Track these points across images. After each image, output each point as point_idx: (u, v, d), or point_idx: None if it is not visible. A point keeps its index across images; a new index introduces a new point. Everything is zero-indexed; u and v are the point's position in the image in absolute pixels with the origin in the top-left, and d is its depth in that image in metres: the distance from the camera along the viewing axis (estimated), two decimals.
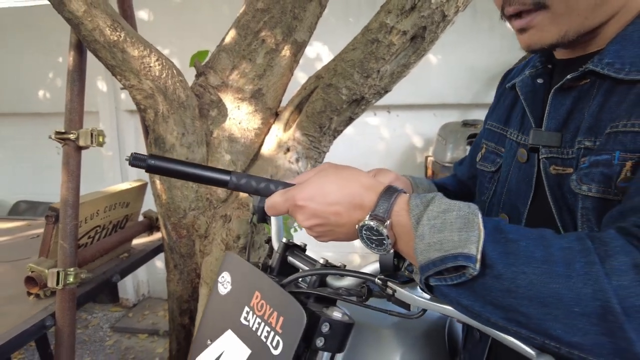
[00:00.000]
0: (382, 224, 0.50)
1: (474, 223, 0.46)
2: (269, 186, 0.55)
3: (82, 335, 2.93)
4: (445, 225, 0.47)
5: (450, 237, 0.46)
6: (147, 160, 0.52)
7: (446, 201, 0.49)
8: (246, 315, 0.61)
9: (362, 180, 0.55)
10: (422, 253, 0.47)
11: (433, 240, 0.47)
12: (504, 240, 0.46)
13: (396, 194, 0.52)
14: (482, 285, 0.45)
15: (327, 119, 1.25)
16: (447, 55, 2.90)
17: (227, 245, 1.24)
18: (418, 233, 0.48)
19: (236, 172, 0.55)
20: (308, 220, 0.56)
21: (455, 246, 0.45)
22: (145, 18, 3.10)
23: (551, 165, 0.62)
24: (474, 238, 0.45)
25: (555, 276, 0.42)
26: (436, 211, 0.48)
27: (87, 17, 1.01)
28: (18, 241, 1.83)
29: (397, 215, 0.51)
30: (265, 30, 1.26)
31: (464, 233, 0.45)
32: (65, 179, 1.11)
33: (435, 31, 1.12)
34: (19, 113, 3.47)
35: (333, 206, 0.54)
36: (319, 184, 0.55)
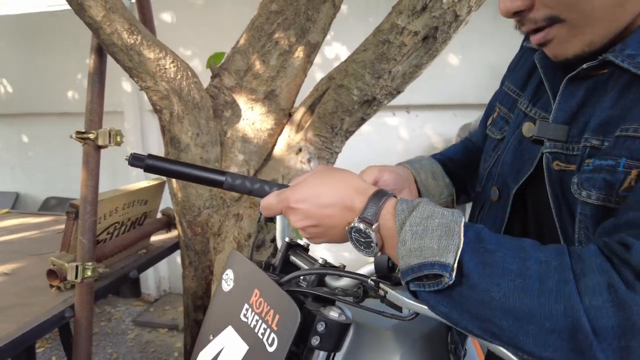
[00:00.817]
0: (370, 226, 0.51)
1: (454, 231, 0.46)
2: (264, 187, 0.57)
3: (105, 327, 3.02)
4: (426, 231, 0.47)
5: (430, 245, 0.46)
6: (145, 160, 0.54)
7: (430, 208, 0.50)
8: (245, 312, 0.63)
9: (354, 183, 0.56)
10: (403, 258, 0.48)
11: (414, 246, 0.47)
12: (482, 250, 0.46)
13: (385, 197, 0.53)
14: (459, 294, 0.46)
15: (339, 120, 1.26)
16: (468, 54, 2.85)
17: (238, 244, 1.26)
18: (400, 238, 0.49)
19: (231, 172, 0.57)
20: (301, 221, 0.57)
21: (434, 254, 0.45)
22: (168, 20, 3.17)
23: (554, 161, 0.58)
24: (453, 247, 0.45)
25: (529, 291, 0.42)
26: (419, 217, 0.49)
27: (105, 22, 1.05)
28: (46, 235, 1.91)
29: (384, 219, 0.52)
30: (278, 31, 1.28)
31: (443, 241, 0.46)
32: (84, 177, 1.16)
33: (447, 31, 1.11)
34: (50, 113, 3.61)
35: (325, 208, 0.55)
36: (312, 186, 0.56)
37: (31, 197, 3.88)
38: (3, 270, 1.49)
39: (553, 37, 0.56)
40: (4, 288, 1.34)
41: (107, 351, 2.75)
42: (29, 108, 3.63)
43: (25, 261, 1.57)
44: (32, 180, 3.86)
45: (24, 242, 1.81)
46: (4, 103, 3.67)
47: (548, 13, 0.53)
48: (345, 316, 0.59)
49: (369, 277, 0.54)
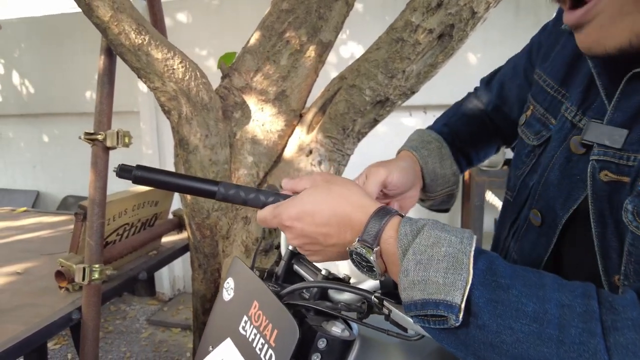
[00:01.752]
0: (371, 250, 0.46)
1: (462, 264, 0.41)
2: (259, 197, 0.53)
3: (120, 326, 3.05)
4: (431, 262, 0.42)
5: (434, 279, 0.41)
6: (133, 171, 0.52)
7: (436, 233, 0.44)
8: (244, 324, 0.60)
9: (354, 198, 0.51)
10: (405, 290, 0.43)
11: (417, 278, 0.42)
12: (495, 284, 0.40)
13: (387, 217, 0.48)
14: (466, 334, 0.40)
15: (351, 121, 1.22)
16: (488, 53, 2.77)
17: (246, 247, 1.24)
18: (403, 267, 0.44)
19: (225, 182, 0.54)
20: (296, 239, 0.53)
21: (439, 290, 0.40)
22: (184, 20, 3.18)
23: (603, 171, 0.48)
24: (460, 283, 0.40)
25: (546, 339, 0.37)
26: (424, 245, 0.43)
27: (113, 22, 1.03)
28: (60, 235, 1.93)
29: (385, 243, 0.47)
30: (289, 31, 1.25)
31: (450, 276, 0.40)
32: (92, 179, 1.15)
33: (464, 29, 1.06)
34: (69, 113, 3.67)
35: (321, 227, 0.51)
36: (307, 203, 0.52)
37: (50, 196, 3.95)
38: (16, 269, 1.50)
39: (595, 16, 0.43)
40: (16, 288, 1.35)
41: (121, 349, 2.78)
42: (50, 108, 3.69)
43: (38, 261, 1.58)
44: (51, 178, 3.93)
45: (38, 241, 1.83)
46: (26, 103, 3.75)
47: None
48: (348, 332, 0.56)
49: (373, 293, 0.50)
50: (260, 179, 1.31)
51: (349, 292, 0.53)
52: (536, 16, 2.68)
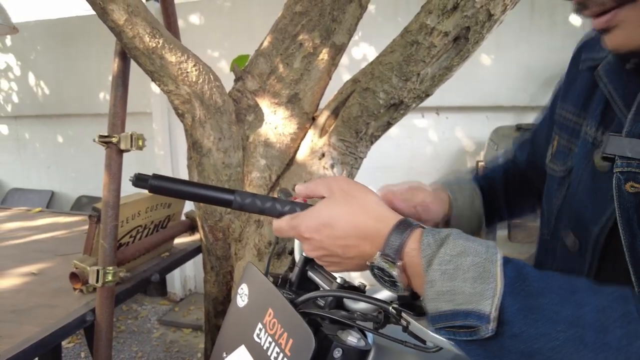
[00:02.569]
0: (393, 265, 0.45)
1: (490, 273, 0.39)
2: (275, 206, 0.53)
3: (131, 325, 3.07)
4: (457, 272, 0.41)
5: (462, 288, 0.40)
6: (150, 180, 0.51)
7: (462, 242, 0.43)
8: (259, 332, 0.59)
9: (372, 210, 0.50)
10: (432, 302, 0.42)
11: (444, 289, 0.41)
12: (525, 292, 0.39)
13: (409, 229, 0.46)
14: (498, 345, 0.39)
15: (364, 124, 1.21)
16: (502, 54, 2.75)
17: (259, 251, 1.24)
18: (428, 278, 0.42)
19: (241, 191, 0.53)
20: (314, 251, 0.52)
21: (468, 300, 0.39)
22: (197, 22, 3.20)
23: (628, 182, 0.48)
24: (490, 292, 0.38)
25: (585, 345, 0.35)
26: (449, 254, 0.42)
27: (127, 25, 1.04)
28: (74, 235, 1.95)
29: (408, 256, 0.45)
30: (303, 33, 1.24)
31: (478, 285, 0.39)
32: (106, 181, 1.15)
33: (480, 32, 1.04)
34: (82, 114, 3.72)
35: (340, 239, 0.49)
36: (325, 215, 0.50)
37: (65, 196, 4.00)
38: (32, 270, 1.51)
39: (619, 22, 0.46)
40: (32, 288, 1.36)
41: (133, 349, 2.80)
42: (64, 109, 3.75)
43: (52, 261, 1.60)
44: (66, 179, 3.99)
45: (53, 241, 1.85)
46: (41, 105, 3.80)
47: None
48: (364, 341, 0.55)
49: (391, 304, 0.49)
50: (272, 182, 1.31)
51: (365, 302, 0.52)
52: (551, 17, 2.64)
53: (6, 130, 4.10)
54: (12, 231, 2.00)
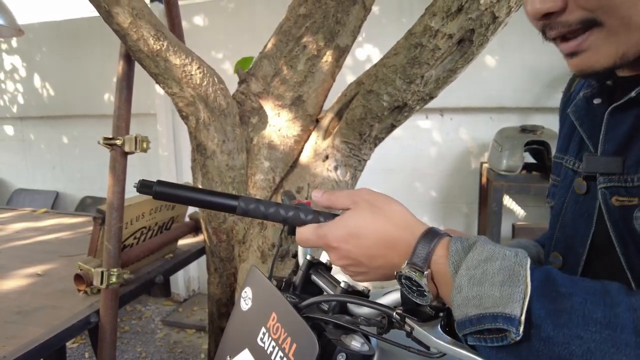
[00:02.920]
0: (421, 274, 0.45)
1: (519, 276, 0.39)
2: (279, 211, 0.53)
3: (135, 326, 3.08)
4: (485, 277, 0.40)
5: (490, 292, 0.39)
6: (154, 187, 0.52)
7: (489, 247, 0.43)
8: (262, 336, 0.59)
9: (398, 219, 0.50)
10: (459, 307, 0.42)
11: (471, 294, 0.41)
12: (555, 294, 0.38)
13: (437, 238, 0.47)
14: (528, 349, 0.38)
15: (368, 127, 1.21)
16: (506, 55, 2.73)
17: (262, 253, 1.24)
18: (456, 284, 0.42)
19: (245, 197, 0.53)
20: (341, 260, 0.52)
21: (496, 303, 0.39)
22: (201, 23, 3.21)
23: (613, 196, 0.51)
24: (519, 295, 0.38)
25: (622, 345, 0.35)
26: (477, 259, 0.42)
27: (132, 28, 1.04)
28: (78, 236, 1.96)
29: (436, 264, 0.45)
30: (307, 35, 1.24)
31: (506, 288, 0.39)
32: (111, 183, 1.16)
33: (484, 34, 1.04)
34: (88, 115, 3.73)
35: (367, 249, 0.50)
36: (352, 225, 0.51)
37: (69, 196, 4.02)
38: (37, 270, 1.52)
39: (587, 47, 0.48)
40: (37, 289, 1.37)
41: (137, 350, 2.80)
42: (70, 110, 3.76)
43: (57, 262, 1.60)
44: (70, 179, 4.01)
45: (57, 242, 1.86)
46: (47, 106, 3.82)
47: (584, 15, 0.46)
48: (368, 346, 0.55)
49: (395, 309, 0.49)
50: (276, 184, 1.31)
51: (369, 307, 0.52)
52: None
53: (12, 131, 4.12)
54: (18, 232, 2.01)
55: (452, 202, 3.09)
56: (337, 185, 1.28)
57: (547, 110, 2.74)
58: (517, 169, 2.32)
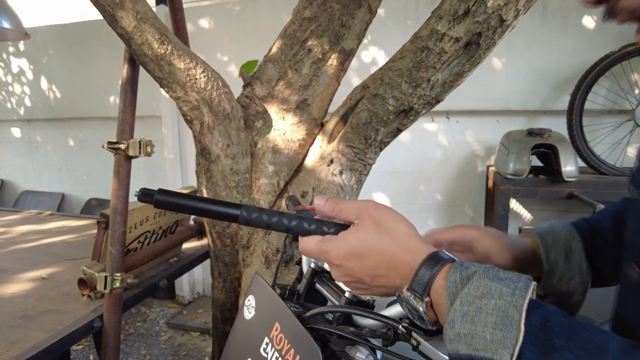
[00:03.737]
0: (421, 301, 0.44)
1: (512, 320, 0.38)
2: (282, 220, 0.52)
3: (140, 328, 3.08)
4: (479, 315, 0.39)
5: (482, 333, 0.38)
6: (155, 195, 0.51)
7: (487, 282, 0.41)
8: (265, 346, 0.58)
9: (403, 242, 0.49)
10: (451, 342, 0.41)
11: (463, 331, 0.40)
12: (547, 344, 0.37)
13: (439, 265, 0.45)
14: None
15: (373, 131, 1.20)
16: (513, 57, 2.71)
17: (266, 258, 1.23)
18: (449, 317, 0.41)
19: (247, 205, 0.52)
20: (343, 277, 0.52)
21: (486, 347, 0.38)
22: (206, 26, 3.21)
23: None
24: (510, 342, 0.37)
25: None
26: (472, 295, 0.41)
27: (136, 32, 1.04)
28: (83, 239, 1.96)
29: (435, 293, 0.44)
30: (311, 39, 1.23)
31: (498, 332, 0.38)
32: (115, 187, 1.15)
33: (491, 37, 1.02)
34: (94, 117, 3.75)
35: (370, 269, 0.49)
36: (355, 245, 0.50)
37: (75, 198, 4.04)
38: (41, 274, 1.52)
39: None
40: (41, 293, 1.37)
41: (141, 352, 2.80)
42: (76, 113, 3.78)
43: (61, 265, 1.60)
44: (76, 181, 4.03)
45: (62, 245, 1.86)
46: (53, 108, 3.85)
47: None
48: (372, 357, 0.53)
49: (401, 322, 0.48)
50: (280, 188, 1.30)
51: (375, 319, 0.51)
52: (563, 19, 2.60)
53: (19, 133, 4.15)
54: (23, 234, 2.02)
55: (458, 205, 3.06)
56: (342, 190, 1.27)
57: (553, 113, 2.72)
58: (524, 173, 2.30)
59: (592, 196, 2.22)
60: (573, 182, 2.25)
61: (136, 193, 0.51)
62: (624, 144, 2.59)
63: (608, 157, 2.49)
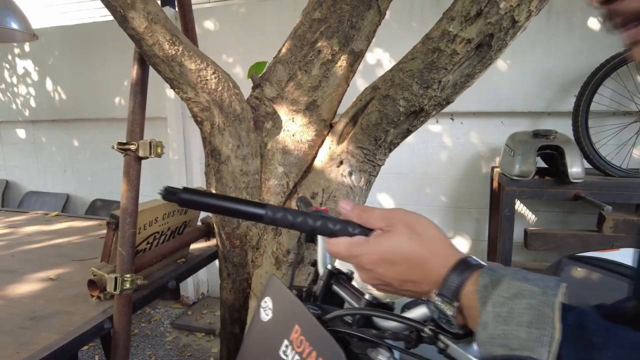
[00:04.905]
0: (450, 305, 0.45)
1: (546, 318, 0.37)
2: (307, 220, 0.51)
3: (145, 329, 3.08)
4: (512, 315, 0.39)
5: (516, 333, 0.38)
6: (180, 194, 0.50)
7: (517, 283, 0.41)
8: (285, 349, 0.58)
9: (433, 248, 0.49)
10: (484, 345, 0.40)
11: (497, 332, 0.39)
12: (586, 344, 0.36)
13: (469, 271, 0.45)
14: None
15: (383, 132, 1.20)
16: (518, 59, 2.71)
17: (277, 259, 1.22)
18: (481, 320, 0.41)
19: (271, 205, 0.52)
20: (371, 280, 0.52)
21: (523, 346, 0.37)
22: (212, 28, 3.22)
23: None
24: (546, 339, 0.37)
25: None
26: (503, 296, 0.40)
27: (147, 33, 1.04)
28: (90, 240, 1.96)
29: (466, 298, 0.44)
30: (321, 40, 1.23)
31: (533, 330, 0.37)
32: (125, 188, 1.15)
33: (503, 39, 1.02)
34: (99, 118, 3.76)
35: (401, 275, 0.50)
36: (387, 250, 0.50)
37: (80, 199, 4.04)
38: (49, 275, 1.52)
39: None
40: (50, 294, 1.37)
41: (146, 353, 2.80)
42: (80, 114, 3.79)
43: (69, 266, 1.60)
44: (81, 182, 4.03)
45: (69, 246, 1.86)
46: (58, 109, 3.85)
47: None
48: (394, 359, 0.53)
49: (426, 324, 0.48)
50: (290, 189, 1.30)
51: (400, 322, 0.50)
52: (568, 21, 2.60)
53: (24, 134, 4.16)
54: (30, 235, 2.02)
55: (463, 206, 3.06)
56: (351, 191, 1.26)
57: (558, 114, 2.71)
58: (530, 174, 2.30)
59: (598, 197, 2.22)
60: (579, 184, 2.25)
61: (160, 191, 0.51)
62: (630, 146, 2.58)
63: (614, 158, 2.49)
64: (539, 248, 2.47)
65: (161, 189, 0.51)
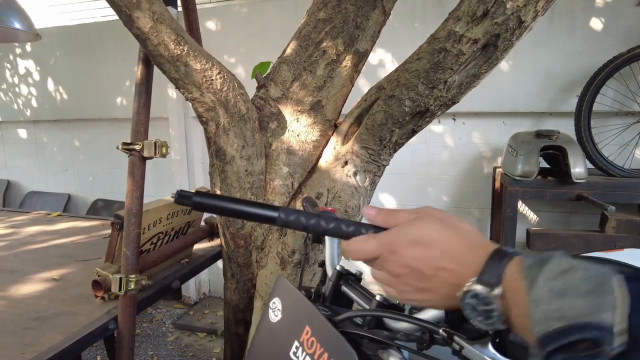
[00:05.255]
0: (492, 290, 0.41)
1: (606, 286, 0.35)
2: (320, 222, 0.51)
3: (147, 329, 3.08)
4: (567, 288, 0.36)
5: (574, 304, 0.35)
6: (193, 197, 0.50)
7: (567, 260, 0.39)
8: (295, 350, 0.58)
9: (467, 237, 0.47)
10: (540, 323, 0.37)
11: (552, 307, 0.36)
12: None
13: (507, 257, 0.43)
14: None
15: (388, 132, 1.19)
16: (520, 59, 2.71)
17: (282, 260, 1.22)
18: (532, 297, 0.38)
19: (284, 207, 0.52)
20: (399, 269, 0.47)
21: (583, 314, 0.35)
22: (214, 28, 3.22)
23: None
24: (608, 304, 0.34)
25: None
26: (555, 271, 0.38)
27: (153, 33, 1.04)
28: (93, 240, 1.96)
29: (509, 279, 0.41)
30: (326, 40, 1.23)
31: (593, 298, 0.35)
32: (130, 189, 1.15)
33: (510, 39, 1.02)
34: (100, 118, 3.76)
35: (434, 260, 0.46)
36: (418, 233, 0.47)
37: (81, 199, 4.04)
38: (53, 275, 1.52)
39: None
40: (54, 295, 1.37)
41: (148, 353, 2.80)
42: (82, 114, 3.79)
43: (72, 267, 1.60)
44: (82, 182, 4.03)
45: (72, 246, 1.86)
46: (60, 109, 3.85)
47: None
48: None
49: (440, 325, 0.47)
50: (295, 189, 1.30)
51: (414, 323, 0.50)
52: (571, 21, 2.60)
53: (25, 134, 4.16)
54: (32, 235, 2.02)
55: (465, 206, 3.06)
56: (356, 191, 1.26)
57: (560, 115, 2.71)
58: (533, 175, 2.29)
59: (601, 198, 2.21)
60: (582, 184, 2.24)
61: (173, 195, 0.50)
62: (633, 146, 2.58)
63: (616, 158, 2.48)
64: (541, 248, 2.46)
65: (173, 193, 0.51)
